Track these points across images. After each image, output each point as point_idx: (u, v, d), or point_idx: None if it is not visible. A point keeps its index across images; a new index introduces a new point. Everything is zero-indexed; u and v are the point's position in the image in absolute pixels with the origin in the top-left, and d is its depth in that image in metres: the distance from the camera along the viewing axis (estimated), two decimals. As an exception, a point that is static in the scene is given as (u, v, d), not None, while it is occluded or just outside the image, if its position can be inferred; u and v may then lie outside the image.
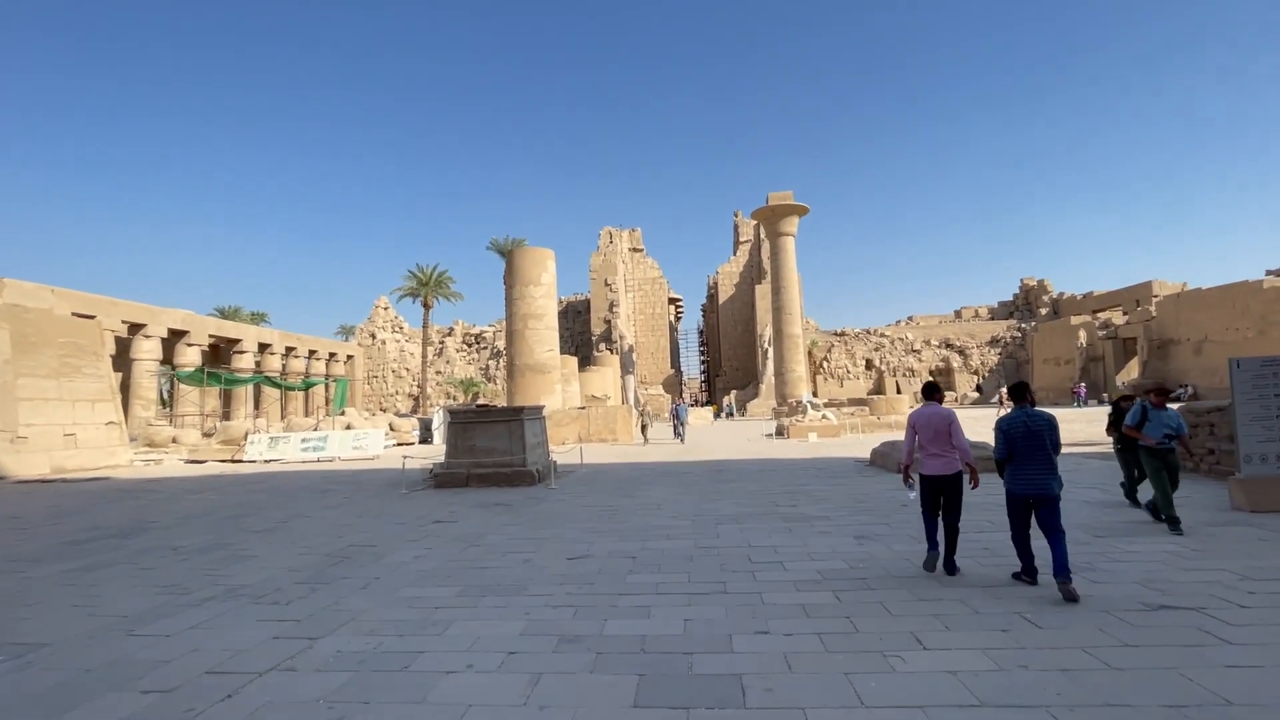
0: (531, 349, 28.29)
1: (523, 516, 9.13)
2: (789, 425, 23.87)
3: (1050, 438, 4.85)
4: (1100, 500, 8.50)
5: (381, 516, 9.61)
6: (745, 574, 5.59)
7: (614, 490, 11.38)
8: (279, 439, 22.88)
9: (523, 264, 28.75)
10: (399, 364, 65.65)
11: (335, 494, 12.55)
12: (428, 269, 50.57)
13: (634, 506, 9.50)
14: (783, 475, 12.50)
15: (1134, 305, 52.03)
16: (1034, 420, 4.88)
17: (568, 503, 10.21)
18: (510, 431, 13.06)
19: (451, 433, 13.33)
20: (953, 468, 5.34)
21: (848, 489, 10.32)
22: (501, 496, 11.24)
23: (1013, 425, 4.94)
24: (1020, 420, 4.94)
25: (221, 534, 8.54)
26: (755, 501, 9.46)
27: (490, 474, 12.75)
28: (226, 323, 43.98)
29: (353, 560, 6.76)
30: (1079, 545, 6.02)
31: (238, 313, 65.19)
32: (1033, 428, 4.85)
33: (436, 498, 11.42)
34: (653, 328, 67.31)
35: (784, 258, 45.44)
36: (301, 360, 47.70)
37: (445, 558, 6.71)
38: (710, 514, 8.61)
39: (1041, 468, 4.81)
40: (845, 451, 17.17)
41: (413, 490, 12.58)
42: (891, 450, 12.79)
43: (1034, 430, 4.85)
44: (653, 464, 15.96)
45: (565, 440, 25.26)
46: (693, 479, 12.54)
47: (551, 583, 5.58)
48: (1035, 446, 4.83)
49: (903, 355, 59.20)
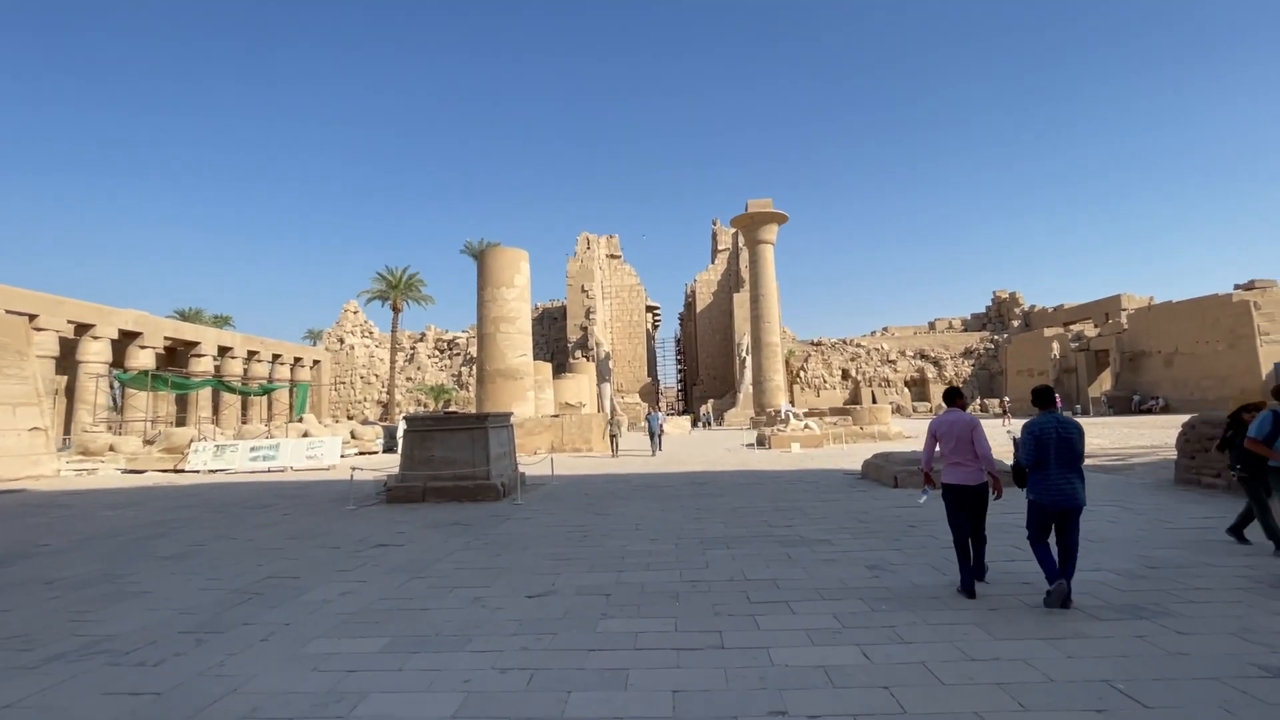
0: (503, 354, 27.02)
1: (481, 539, 7.96)
2: (770, 435, 23.00)
3: (1080, 447, 4.61)
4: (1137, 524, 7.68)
5: (317, 538, 8.35)
6: (744, 618, 4.56)
7: (586, 507, 10.27)
8: (226, 447, 21.19)
9: (495, 265, 27.51)
10: (368, 370, 63.45)
11: (274, 510, 11.19)
12: (397, 271, 48.83)
13: (608, 527, 8.40)
14: (771, 489, 11.53)
15: (1103, 318, 52.84)
16: (1065, 427, 4.60)
17: (534, 522, 9.07)
18: (473, 441, 11.85)
19: (407, 442, 12.07)
20: (976, 478, 5.10)
21: (845, 506, 9.38)
22: (460, 514, 10.04)
23: (1045, 431, 4.61)
24: (1052, 426, 4.61)
25: (118, 562, 7.20)
26: (745, 521, 8.45)
27: (449, 488, 11.52)
28: (184, 324, 41.62)
29: (265, 598, 5.54)
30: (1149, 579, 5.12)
31: (199, 315, 62.34)
32: (1064, 435, 4.57)
33: (386, 515, 10.17)
34: (630, 335, 66.30)
35: (763, 266, 44.94)
36: (265, 365, 45.44)
37: (378, 594, 5.53)
38: (695, 536, 7.57)
39: (1073, 477, 4.56)
40: (831, 463, 16.31)
41: (362, 506, 11.29)
42: (885, 463, 11.93)
43: (1066, 437, 4.57)
44: (629, 476, 14.87)
45: (538, 449, 24.01)
46: (673, 493, 11.49)
47: (504, 631, 4.47)
48: (1068, 454, 4.56)
49: (878, 365, 59.22)
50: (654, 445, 22.11)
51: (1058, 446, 4.57)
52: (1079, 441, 4.61)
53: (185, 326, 41.05)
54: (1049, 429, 4.60)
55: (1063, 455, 4.56)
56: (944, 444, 5.30)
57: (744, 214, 44.80)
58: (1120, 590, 4.86)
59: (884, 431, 24.73)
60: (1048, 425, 4.63)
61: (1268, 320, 34.06)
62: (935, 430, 5.38)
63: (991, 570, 5.45)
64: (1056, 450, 4.56)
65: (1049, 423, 4.64)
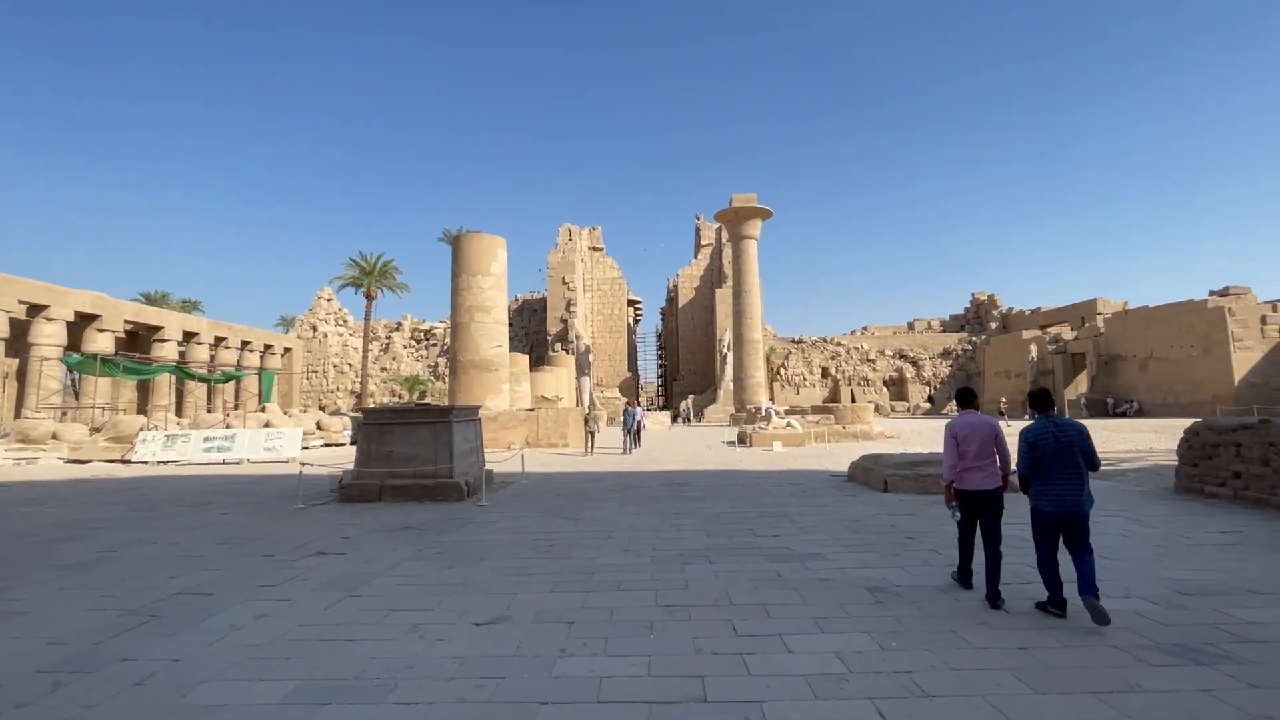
0: (477, 344, 26.02)
1: (434, 546, 7.12)
2: (752, 433, 22.40)
3: (1082, 449, 4.36)
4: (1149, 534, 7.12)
5: (250, 543, 7.43)
6: (731, 658, 3.81)
7: (556, 510, 9.47)
8: (177, 437, 19.93)
9: (470, 252, 26.46)
10: (341, 359, 61.68)
11: (211, 508, 10.19)
12: (371, 257, 47.32)
13: (578, 534, 7.62)
14: (754, 492, 10.84)
15: (1079, 321, 53.35)
16: (1064, 430, 4.39)
17: (497, 527, 8.24)
18: (435, 435, 10.96)
19: (363, 436, 11.12)
20: (995, 481, 4.91)
21: (834, 512, 8.71)
22: (417, 516, 9.17)
23: (1040, 436, 4.41)
24: (1049, 431, 4.40)
25: (8, 572, 6.22)
26: (728, 528, 7.73)
27: (408, 486, 10.62)
28: (146, 308, 39.60)
29: (162, 622, 4.66)
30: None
31: (165, 299, 59.91)
32: (1062, 439, 4.36)
33: (335, 517, 9.25)
34: (611, 329, 65.44)
35: (746, 261, 44.40)
36: (233, 352, 43.60)
37: (300, 619, 4.68)
38: (674, 546, 6.82)
39: (1073, 483, 4.32)
40: (815, 463, 15.71)
41: (311, 505, 10.35)
42: (874, 465, 11.32)
43: (1064, 441, 4.35)
44: (605, 474, 14.09)
45: (512, 444, 23.10)
46: (650, 495, 10.74)
47: (440, 674, 3.66)
48: (1066, 460, 4.35)
49: (858, 364, 59.21)
50: (629, 443, 20.70)
51: (1056, 452, 4.36)
52: (1081, 444, 4.36)
53: (147, 310, 39.09)
54: (1045, 434, 4.40)
55: (1062, 460, 4.34)
56: (965, 447, 4.97)
57: (728, 208, 44.18)
58: (1161, 624, 4.22)
59: (866, 431, 24.30)
60: (1044, 431, 4.42)
61: (1241, 327, 34.46)
62: (956, 433, 5.03)
63: (1018, 595, 4.80)
64: (1055, 456, 4.36)
65: (1045, 428, 4.43)
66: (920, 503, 9.26)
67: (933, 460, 10.98)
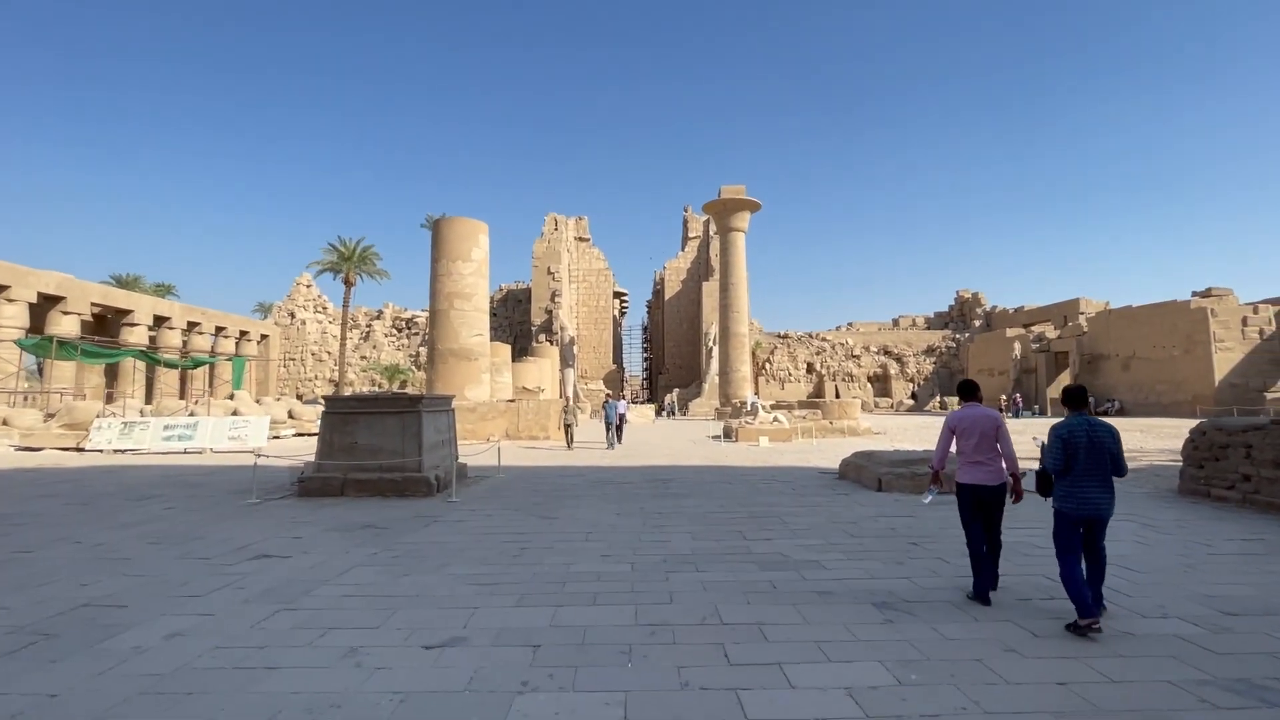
0: (457, 332, 25.17)
1: (393, 549, 6.44)
2: (738, 428, 21.90)
3: (1112, 452, 4.17)
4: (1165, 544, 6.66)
5: (188, 543, 6.69)
6: (724, 694, 3.21)
7: (531, 508, 8.82)
8: (135, 425, 18.91)
9: (451, 237, 25.55)
10: (320, 346, 60.23)
11: (155, 502, 9.39)
12: (351, 242, 45.92)
13: (553, 536, 6.98)
14: (742, 489, 10.28)
15: (1062, 320, 53.67)
16: (1097, 431, 4.18)
17: (465, 526, 7.58)
18: (403, 426, 10.24)
19: (326, 425, 10.36)
20: (997, 479, 4.78)
21: (828, 513, 8.17)
22: (380, 513, 8.46)
23: (1074, 434, 4.19)
24: (1083, 429, 4.19)
25: (-107, 576, 5.43)
26: (716, 531, 7.14)
27: (373, 481, 9.89)
28: (114, 290, 37.97)
29: (51, 643, 3.95)
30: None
31: (137, 283, 57.80)
32: (1096, 439, 4.15)
33: (290, 513, 8.51)
34: (596, 321, 64.67)
35: (734, 254, 43.88)
36: (207, 338, 42.16)
37: (218, 640, 3.99)
38: (657, 552, 6.21)
39: (1102, 486, 4.15)
40: (803, 459, 15.22)
41: (267, 499, 9.59)
42: (867, 463, 10.82)
43: (1097, 442, 4.15)
44: (585, 470, 13.46)
45: (491, 436, 22.35)
46: (632, 492, 10.13)
47: (373, 717, 3.01)
48: (1097, 461, 4.14)
49: (843, 360, 59.12)
50: (611, 437, 19.34)
51: (1087, 451, 4.14)
52: (1112, 446, 4.17)
53: (116, 292, 37.51)
54: (1079, 432, 4.18)
55: (1092, 460, 4.14)
56: (964, 440, 4.88)
57: (717, 199, 43.58)
58: (1213, 652, 3.69)
59: (853, 427, 23.92)
60: (1077, 428, 4.20)
61: (1223, 328, 34.70)
62: (954, 425, 4.98)
63: (1045, 613, 4.27)
64: (1086, 455, 4.14)
65: (1079, 425, 4.21)
66: (916, 503, 8.75)
67: (927, 458, 10.50)
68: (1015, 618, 4.27)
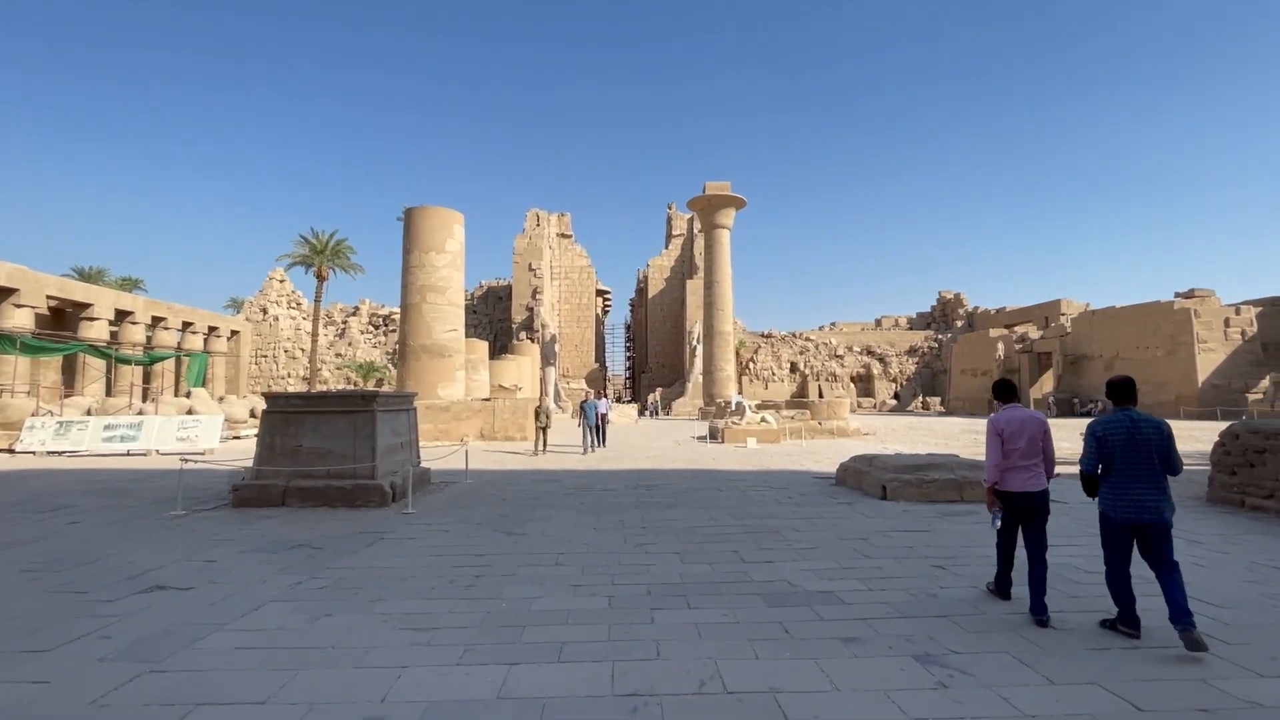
0: (429, 327, 23.90)
1: (323, 576, 5.35)
2: (724, 428, 20.98)
3: (1160, 449, 3.83)
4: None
5: (74, 570, 5.52)
6: (736, 821, 2.21)
7: (497, 520, 7.76)
8: (73, 424, 17.40)
9: (424, 227, 24.25)
10: (293, 343, 58.24)
11: (63, 514, 8.16)
12: (323, 235, 44.18)
13: (517, 557, 5.93)
14: (733, 498, 9.32)
15: (1044, 321, 53.82)
16: (1140, 427, 3.87)
17: (416, 545, 6.49)
18: (354, 427, 9.09)
19: (266, 426, 9.17)
20: (1041, 484, 4.46)
21: (833, 526, 7.23)
22: (319, 528, 7.33)
23: (1111, 430, 3.93)
24: (1123, 425, 3.91)
25: None
26: (707, 550, 6.15)
27: (319, 489, 8.74)
28: (72, 283, 35.78)
29: None
30: None
31: (100, 276, 55.33)
32: (1138, 436, 3.85)
33: (214, 528, 7.35)
34: (579, 319, 63.50)
35: (718, 251, 43.06)
36: (173, 334, 40.07)
37: (36, 725, 2.89)
38: (640, 578, 5.20)
39: (1149, 486, 3.82)
40: (795, 462, 14.32)
41: (196, 510, 8.41)
42: (869, 468, 9.93)
43: (1139, 439, 3.84)
44: (562, 474, 12.40)
45: (466, 436, 21.16)
46: (612, 501, 9.11)
47: None
48: (1139, 459, 3.83)
49: (826, 360, 58.73)
50: (589, 441, 17.38)
51: (1127, 448, 3.84)
52: (1160, 443, 3.81)
53: (74, 285, 35.36)
54: (1117, 428, 3.89)
55: (1135, 458, 3.82)
56: (1011, 445, 4.44)
57: (701, 195, 42.70)
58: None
59: (843, 428, 23.16)
60: (1115, 424, 3.90)
61: (1206, 329, 34.70)
62: (1001, 430, 4.49)
63: (1139, 677, 3.34)
64: (1125, 452, 3.84)
65: (1119, 421, 3.90)
66: (929, 515, 7.87)
67: (934, 463, 9.65)
68: (1102, 676, 3.34)
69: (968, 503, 8.58)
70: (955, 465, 9.52)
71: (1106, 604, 4.29)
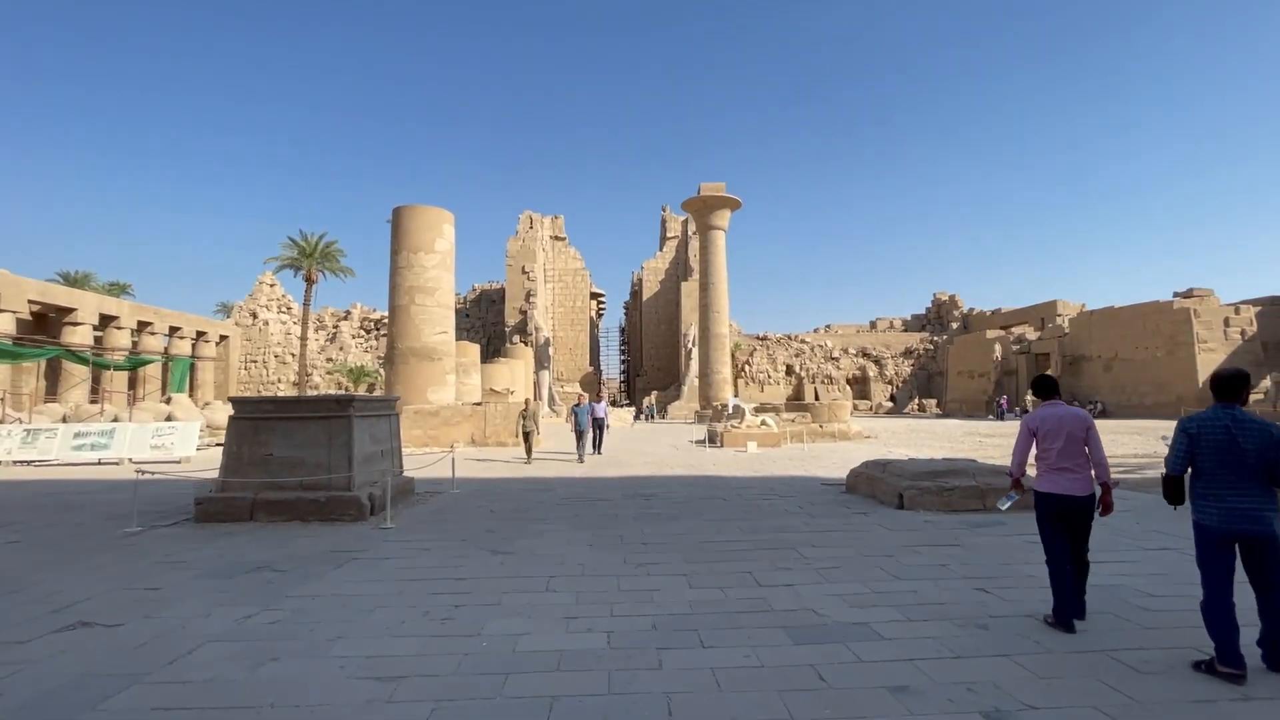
0: (418, 330, 23.17)
1: (276, 608, 4.65)
2: (723, 432, 20.34)
3: (1262, 455, 3.24)
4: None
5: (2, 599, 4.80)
6: None
7: (483, 535, 7.06)
8: (41, 432, 16.56)
9: (412, 226, 23.54)
10: (284, 348, 57.26)
11: (7, 531, 7.40)
12: (312, 237, 43.35)
13: (502, 582, 5.25)
14: (740, 508, 8.66)
15: (1040, 322, 53.55)
16: (1242, 426, 3.33)
17: (389, 566, 5.80)
18: (329, 435, 8.37)
19: (233, 433, 8.43)
20: (1087, 488, 4.12)
21: (852, 541, 6.58)
22: (286, 547, 6.62)
23: (1206, 427, 3.43)
24: (1220, 423, 3.40)
25: None
26: (717, 571, 5.49)
27: (290, 501, 8.02)
28: (54, 287, 34.75)
29: None
30: None
31: (87, 280, 54.12)
32: (1239, 435, 3.31)
33: (169, 547, 6.62)
34: (573, 322, 62.81)
35: (714, 252, 42.49)
36: (160, 338, 39.09)
37: None
38: (643, 611, 4.53)
39: (1250, 492, 3.30)
40: (799, 467, 13.68)
41: (154, 526, 7.67)
42: (883, 474, 9.29)
43: (1236, 440, 3.31)
44: (555, 483, 11.71)
45: (456, 442, 20.39)
46: (610, 512, 8.43)
47: None
48: (1235, 462, 3.32)
49: (822, 362, 58.28)
50: (582, 448, 16.06)
51: (1222, 449, 3.39)
52: (1264, 448, 3.27)
53: (56, 289, 34.37)
54: (1213, 425, 3.45)
55: (1232, 461, 3.37)
56: (1047, 444, 4.26)
57: (696, 196, 42.18)
58: None
59: (844, 430, 22.58)
60: (1211, 421, 3.47)
61: (1205, 328, 34.39)
62: (1034, 427, 4.35)
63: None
64: (1220, 454, 3.39)
65: (1217, 418, 3.47)
66: (954, 527, 7.23)
67: (953, 469, 9.03)
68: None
69: (990, 512, 7.96)
70: (976, 471, 8.90)
71: (1192, 638, 3.66)
